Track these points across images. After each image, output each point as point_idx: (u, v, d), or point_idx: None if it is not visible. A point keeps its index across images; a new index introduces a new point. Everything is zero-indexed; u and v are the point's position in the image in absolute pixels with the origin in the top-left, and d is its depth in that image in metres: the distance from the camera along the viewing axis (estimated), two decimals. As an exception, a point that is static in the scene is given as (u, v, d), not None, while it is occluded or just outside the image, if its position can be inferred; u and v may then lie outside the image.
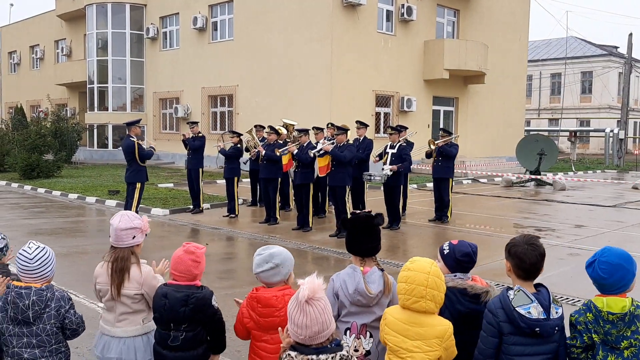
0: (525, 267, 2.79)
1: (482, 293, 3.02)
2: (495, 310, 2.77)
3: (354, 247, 3.10)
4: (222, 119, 25.62)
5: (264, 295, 3.04)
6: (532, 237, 2.90)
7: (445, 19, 24.94)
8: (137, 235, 3.33)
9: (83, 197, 15.14)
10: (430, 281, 2.69)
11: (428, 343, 2.67)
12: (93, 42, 29.81)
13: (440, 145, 11.77)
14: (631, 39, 30.20)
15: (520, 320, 2.68)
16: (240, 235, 10.56)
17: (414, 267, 2.75)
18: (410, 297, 2.69)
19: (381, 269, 3.08)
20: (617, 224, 11.92)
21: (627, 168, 29.96)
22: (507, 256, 2.90)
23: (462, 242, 3.24)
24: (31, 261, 3.04)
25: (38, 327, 3.04)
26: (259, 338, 3.09)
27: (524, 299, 2.71)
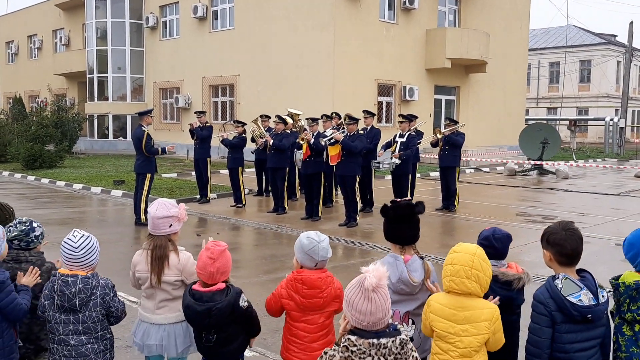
0: (567, 253, 2.82)
1: (514, 280, 3.05)
2: (545, 301, 2.78)
3: (394, 236, 3.12)
4: (223, 109, 25.56)
5: (310, 277, 3.09)
6: (567, 222, 2.94)
7: (447, 7, 24.86)
8: (174, 223, 3.35)
9: (88, 188, 15.12)
10: (476, 262, 2.72)
11: (476, 326, 2.70)
12: (92, 31, 29.64)
13: (446, 135, 11.79)
14: (632, 28, 30.18)
15: (572, 309, 2.71)
16: (248, 225, 10.58)
17: (460, 249, 2.78)
18: (456, 278, 2.72)
19: (421, 257, 3.10)
20: (623, 212, 11.99)
21: (627, 157, 30.06)
22: (545, 245, 2.92)
23: (491, 228, 3.27)
24: (76, 249, 3.06)
25: (84, 314, 3.06)
26: (297, 319, 3.15)
27: (572, 287, 2.74)
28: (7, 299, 3.05)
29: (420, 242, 6.18)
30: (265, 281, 6.86)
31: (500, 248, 3.15)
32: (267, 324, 5.15)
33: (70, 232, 3.18)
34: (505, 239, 3.19)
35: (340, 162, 10.17)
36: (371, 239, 9.31)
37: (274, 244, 8.99)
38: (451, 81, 25.02)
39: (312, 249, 3.14)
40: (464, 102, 25.75)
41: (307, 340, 3.12)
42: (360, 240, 9.16)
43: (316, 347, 3.11)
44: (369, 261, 8.15)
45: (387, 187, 14.52)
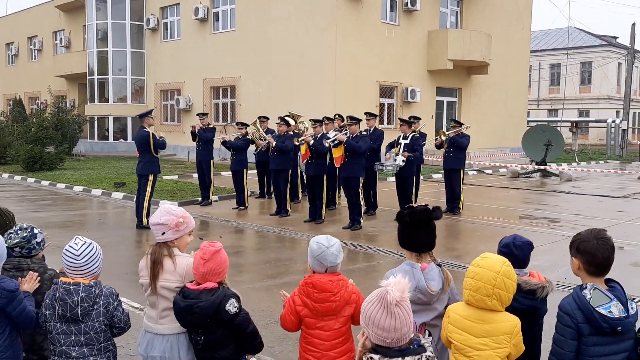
0: (598, 263, 2.69)
1: (537, 289, 2.93)
2: (572, 312, 2.65)
3: (409, 243, 3.00)
4: (224, 111, 25.46)
5: (320, 280, 3.00)
6: (599, 231, 2.79)
7: (448, 8, 24.77)
8: (167, 232, 3.22)
9: (88, 190, 15.00)
10: (499, 281, 2.58)
11: (496, 340, 2.57)
12: (92, 33, 29.54)
13: (450, 136, 11.67)
14: (634, 29, 30.08)
15: (601, 321, 2.58)
16: (251, 228, 10.46)
17: (484, 264, 2.64)
18: (476, 295, 2.59)
19: (438, 265, 2.98)
20: (628, 215, 11.87)
21: (629, 159, 29.94)
22: (574, 253, 2.78)
23: (511, 235, 3.15)
24: (78, 257, 2.94)
25: (86, 324, 2.94)
26: (312, 326, 3.05)
27: (602, 298, 2.61)
28: (19, 307, 2.97)
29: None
30: (270, 286, 6.72)
31: (520, 256, 3.03)
32: (274, 332, 5.04)
33: (72, 237, 3.07)
34: (526, 247, 3.07)
35: (343, 164, 10.06)
36: (376, 242, 9.19)
37: (277, 247, 8.87)
38: (453, 83, 24.91)
39: (321, 255, 3.06)
40: (465, 103, 25.65)
41: (323, 348, 3.01)
42: (365, 244, 9.03)
43: (333, 356, 3.01)
44: (374, 265, 8.06)
45: (390, 189, 14.42)
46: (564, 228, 10.41)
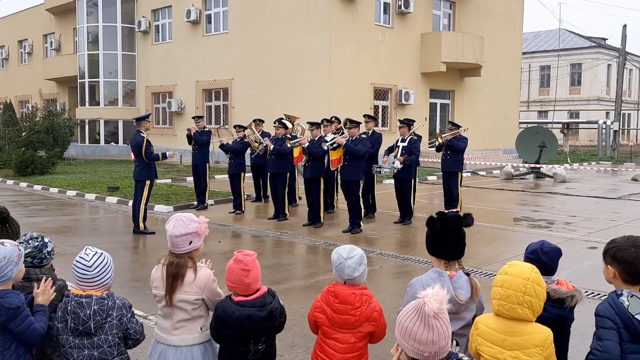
0: (637, 272, 2.60)
1: (566, 298, 2.87)
2: (612, 317, 2.57)
3: (439, 250, 2.92)
4: (217, 113, 25.33)
5: (343, 291, 2.93)
6: (637, 238, 2.68)
7: (441, 11, 24.80)
8: (194, 240, 3.13)
9: (82, 194, 14.83)
10: (529, 288, 2.50)
11: (527, 353, 2.49)
12: (83, 36, 29.35)
13: (448, 139, 11.63)
14: (625, 31, 30.27)
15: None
16: (249, 232, 10.36)
17: (512, 272, 2.56)
18: (506, 304, 2.51)
19: (467, 273, 2.91)
20: (626, 217, 11.88)
21: (621, 159, 30.10)
22: (610, 261, 2.69)
23: (539, 242, 3.08)
24: (89, 269, 2.84)
25: (100, 337, 2.84)
26: (329, 335, 2.97)
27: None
28: (23, 324, 2.83)
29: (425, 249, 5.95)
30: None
31: (549, 263, 2.96)
32: (283, 340, 4.95)
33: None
34: (554, 253, 2.99)
35: (343, 167, 9.98)
36: (376, 245, 9.12)
37: (277, 252, 8.78)
38: (446, 85, 24.94)
39: (339, 266, 3.01)
40: (458, 105, 25.68)
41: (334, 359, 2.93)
42: (365, 247, 8.95)
43: None
44: (376, 270, 7.98)
45: (388, 191, 14.38)
46: (563, 230, 10.40)
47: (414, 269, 7.67)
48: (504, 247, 9.06)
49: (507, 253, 8.56)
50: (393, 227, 10.66)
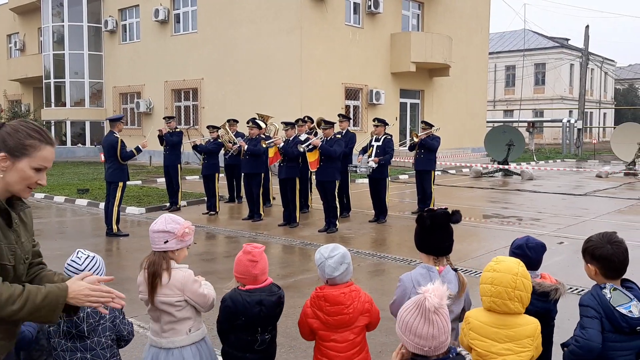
0: (615, 267, 2.72)
1: (551, 291, 2.97)
2: (596, 307, 2.68)
3: (428, 246, 2.98)
4: (186, 114, 25.12)
5: (332, 293, 2.96)
6: (611, 234, 2.82)
7: (410, 11, 25.08)
8: (170, 240, 3.11)
9: (51, 197, 14.56)
10: (518, 283, 2.59)
11: (520, 344, 2.58)
12: (48, 35, 28.78)
13: (422, 138, 11.78)
14: (588, 31, 31.05)
15: (622, 321, 2.62)
16: (223, 233, 10.32)
17: (500, 268, 2.64)
18: (498, 300, 2.59)
19: (454, 269, 2.98)
20: (593, 212, 12.21)
21: (585, 157, 30.87)
22: (589, 260, 2.80)
23: (524, 237, 3.18)
24: (82, 272, 2.83)
25: (93, 340, 2.83)
26: (327, 338, 3.00)
27: (622, 298, 2.65)
28: None
29: (403, 247, 5.95)
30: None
31: (534, 257, 3.06)
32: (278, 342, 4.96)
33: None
34: (539, 248, 3.10)
35: (319, 168, 10.03)
36: (352, 244, 9.19)
37: (254, 252, 8.76)
38: (416, 85, 25.22)
39: (320, 265, 3.05)
40: (428, 105, 25.99)
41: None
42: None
43: None
44: (353, 268, 8.03)
45: (361, 191, 14.49)
46: (533, 226, 10.63)
47: (390, 266, 7.77)
48: (477, 244, 9.23)
49: (480, 249, 8.72)
50: (368, 225, 10.75)
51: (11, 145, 2.19)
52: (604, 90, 56.50)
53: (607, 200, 14.11)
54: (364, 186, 14.65)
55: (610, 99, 58.57)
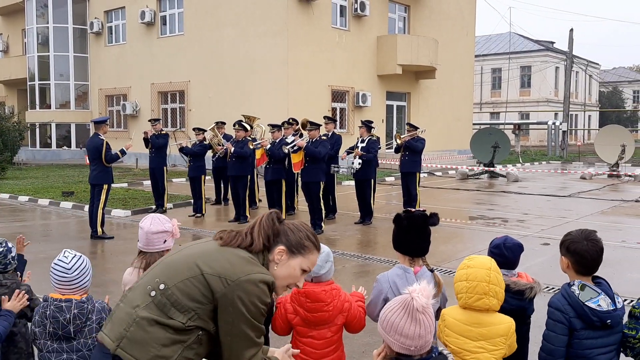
0: (587, 264, 2.78)
1: (526, 289, 3.01)
2: (562, 307, 2.74)
3: (404, 247, 3.02)
4: (173, 116, 25.03)
5: (314, 290, 2.97)
6: (590, 232, 2.87)
7: (396, 14, 25.19)
8: (168, 239, 3.15)
9: (35, 200, 14.44)
10: (492, 277, 2.65)
11: (492, 342, 2.63)
12: (33, 37, 28.55)
13: (406, 140, 11.83)
14: (572, 35, 31.37)
15: (592, 315, 2.68)
16: (210, 235, 10.24)
17: (474, 264, 2.70)
18: (473, 295, 2.64)
19: (431, 269, 3.01)
20: (576, 214, 12.34)
21: (569, 159, 31.17)
22: (564, 252, 2.87)
23: (502, 237, 3.23)
24: (69, 271, 2.83)
25: (79, 341, 2.82)
26: (304, 334, 3.02)
27: (590, 293, 2.71)
28: None
29: (388, 249, 5.87)
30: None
31: (510, 257, 3.10)
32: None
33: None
34: (517, 248, 3.15)
35: (304, 169, 10.06)
36: (337, 246, 9.21)
37: (239, 255, 8.75)
38: (402, 87, 25.33)
39: None
40: (414, 107, 26.12)
41: (314, 357, 2.99)
42: (328, 248, 9.03)
43: None
44: (338, 269, 8.06)
45: (347, 193, 14.53)
46: (517, 227, 10.73)
47: (376, 268, 7.79)
48: (462, 245, 9.29)
49: (465, 251, 8.78)
50: (354, 227, 10.79)
51: (292, 242, 2.27)
52: (588, 92, 57.08)
53: (591, 202, 14.27)
54: (350, 188, 14.70)
55: (594, 102, 59.19)
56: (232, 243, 2.23)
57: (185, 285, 2.12)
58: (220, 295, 2.10)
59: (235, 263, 2.15)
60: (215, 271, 2.13)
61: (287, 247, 2.27)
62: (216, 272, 2.13)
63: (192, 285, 2.12)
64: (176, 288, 2.12)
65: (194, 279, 2.13)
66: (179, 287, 2.12)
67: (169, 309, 2.10)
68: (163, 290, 2.12)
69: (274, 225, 2.28)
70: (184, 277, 2.14)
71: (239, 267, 2.14)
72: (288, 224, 2.31)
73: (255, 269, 2.16)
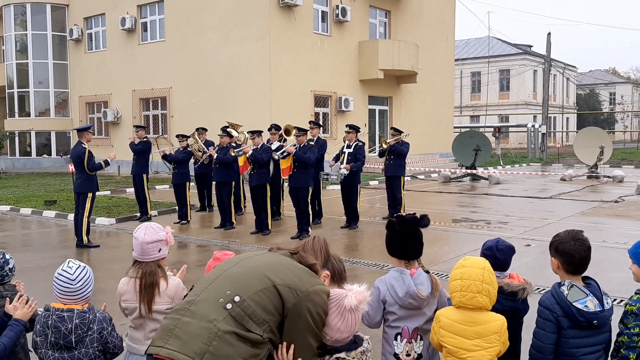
0: (576, 263, 2.87)
1: (518, 290, 3.09)
2: (551, 307, 2.84)
3: (399, 250, 3.07)
4: (155, 123, 24.90)
5: None
6: (577, 232, 2.97)
7: (377, 19, 25.38)
8: (163, 247, 3.19)
9: (17, 209, 14.28)
10: (486, 276, 2.74)
11: (487, 340, 2.71)
12: (11, 44, 28.22)
13: (391, 144, 11.94)
14: (550, 38, 31.85)
15: (578, 315, 2.76)
16: (196, 242, 10.29)
17: (468, 264, 2.79)
18: (467, 293, 2.72)
19: (426, 271, 3.08)
20: (558, 215, 12.53)
21: (549, 161, 31.57)
22: (553, 254, 2.96)
23: (494, 239, 3.30)
24: (73, 282, 2.85)
25: (80, 351, 2.84)
26: None
27: (578, 294, 2.80)
28: None
29: (374, 252, 5.90)
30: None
31: (502, 259, 3.18)
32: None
33: (65, 262, 2.97)
34: (508, 250, 3.23)
35: (292, 174, 10.10)
36: (325, 251, 9.26)
37: (227, 261, 8.75)
38: (384, 91, 25.51)
39: None
40: (396, 111, 26.30)
41: None
42: (315, 253, 9.07)
43: None
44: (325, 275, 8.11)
45: (333, 197, 14.58)
46: (501, 229, 10.87)
47: (363, 272, 7.86)
48: (447, 248, 9.40)
49: (451, 253, 8.89)
50: (340, 232, 10.85)
51: (336, 270, 2.52)
52: (566, 95, 57.89)
53: (571, 203, 14.49)
54: (335, 192, 14.76)
55: (572, 104, 60.04)
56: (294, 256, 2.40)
57: (260, 297, 2.19)
58: (291, 306, 2.20)
59: (300, 275, 2.28)
60: (285, 282, 2.23)
61: (331, 273, 2.44)
62: (286, 284, 2.22)
63: (265, 297, 2.19)
64: (251, 300, 2.18)
65: (266, 290, 2.21)
66: (254, 298, 2.18)
67: (247, 321, 2.16)
68: (239, 302, 2.17)
69: (328, 251, 2.48)
70: (257, 288, 2.21)
71: (305, 279, 2.27)
72: (333, 255, 2.51)
73: (318, 281, 2.32)
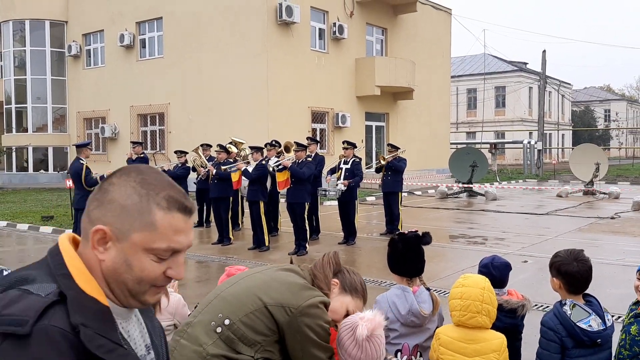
0: (579, 284, 2.88)
1: (518, 307, 3.11)
2: (555, 327, 2.84)
3: (401, 268, 3.10)
4: (152, 138, 24.96)
5: None
6: (578, 252, 2.97)
7: (374, 37, 25.61)
8: None
9: (13, 225, 14.25)
10: (485, 296, 2.74)
11: (486, 358, 2.72)
12: (9, 60, 28.33)
13: (389, 161, 12.01)
14: (545, 56, 32.15)
15: (583, 335, 2.77)
16: (193, 258, 10.27)
17: (468, 283, 2.79)
18: (466, 313, 2.73)
19: (427, 288, 3.10)
20: (554, 231, 12.57)
21: (545, 177, 31.71)
22: (555, 274, 2.96)
23: (490, 256, 3.33)
24: None
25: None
26: None
27: (581, 313, 2.81)
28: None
29: (372, 268, 5.91)
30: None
31: (498, 276, 3.21)
32: None
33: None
34: (504, 267, 3.26)
35: (289, 190, 10.13)
36: (322, 267, 9.27)
37: (225, 277, 8.75)
38: (381, 108, 25.65)
39: None
40: (393, 127, 26.43)
41: None
42: (312, 269, 9.07)
43: None
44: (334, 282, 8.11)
45: (330, 213, 14.61)
46: (498, 246, 10.90)
47: (371, 288, 7.85)
48: (444, 264, 9.42)
49: (448, 269, 8.90)
50: (338, 247, 10.85)
51: (347, 281, 2.50)
52: (561, 112, 58.29)
53: (568, 219, 14.54)
54: (333, 208, 14.79)
55: (567, 121, 60.43)
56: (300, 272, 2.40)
57: (250, 319, 2.17)
58: (286, 325, 2.17)
59: (294, 291, 2.24)
60: (277, 301, 2.20)
61: (341, 282, 2.43)
62: (278, 302, 2.20)
63: (256, 318, 2.18)
64: (241, 322, 2.17)
65: (257, 311, 2.18)
66: (244, 321, 2.17)
67: (237, 344, 2.15)
68: (228, 325, 2.17)
69: (338, 262, 2.50)
70: (248, 310, 2.19)
71: (300, 294, 2.23)
72: (347, 267, 2.51)
73: (313, 293, 2.27)
